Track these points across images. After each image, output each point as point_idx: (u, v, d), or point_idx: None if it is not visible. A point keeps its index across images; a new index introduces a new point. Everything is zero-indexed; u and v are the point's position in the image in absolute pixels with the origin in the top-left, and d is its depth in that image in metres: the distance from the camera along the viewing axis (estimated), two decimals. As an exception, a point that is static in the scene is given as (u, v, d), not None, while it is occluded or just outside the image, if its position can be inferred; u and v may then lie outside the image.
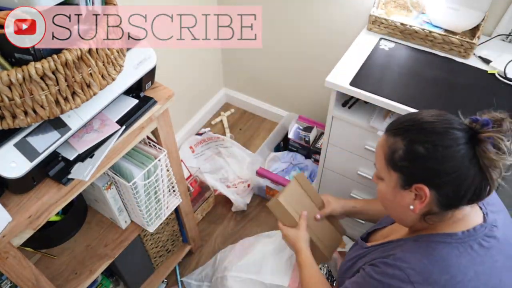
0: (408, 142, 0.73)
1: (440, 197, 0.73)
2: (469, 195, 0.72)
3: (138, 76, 0.95)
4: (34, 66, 0.66)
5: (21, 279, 0.89)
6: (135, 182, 1.05)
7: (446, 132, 0.71)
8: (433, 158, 0.71)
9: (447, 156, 0.70)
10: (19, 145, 0.76)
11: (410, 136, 0.73)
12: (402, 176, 0.76)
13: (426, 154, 0.71)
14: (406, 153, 0.73)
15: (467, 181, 0.71)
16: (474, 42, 1.28)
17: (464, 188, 0.71)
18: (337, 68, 1.31)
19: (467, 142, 0.71)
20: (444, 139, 0.71)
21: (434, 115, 0.74)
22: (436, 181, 0.72)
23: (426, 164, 0.72)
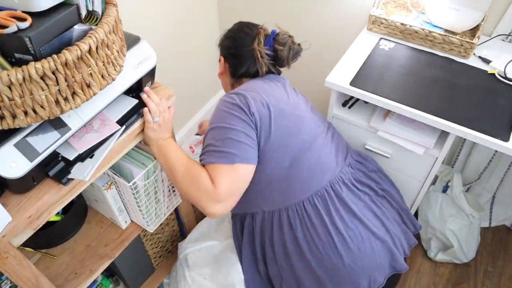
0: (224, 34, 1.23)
1: (228, 66, 1.19)
2: (243, 68, 1.16)
3: (138, 76, 0.95)
4: (34, 66, 0.66)
5: (21, 279, 0.89)
6: (135, 182, 1.05)
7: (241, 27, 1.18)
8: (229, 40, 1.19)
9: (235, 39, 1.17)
10: (19, 145, 0.76)
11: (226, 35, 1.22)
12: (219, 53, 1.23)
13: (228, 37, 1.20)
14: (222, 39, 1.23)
15: (242, 58, 1.15)
16: (474, 42, 1.28)
17: (239, 62, 1.16)
18: (337, 68, 1.31)
19: (253, 37, 1.14)
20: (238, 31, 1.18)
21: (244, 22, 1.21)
22: (226, 53, 1.20)
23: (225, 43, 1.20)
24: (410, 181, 1.37)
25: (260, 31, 1.15)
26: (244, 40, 1.15)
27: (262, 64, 1.14)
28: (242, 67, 1.16)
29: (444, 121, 1.14)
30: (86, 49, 0.72)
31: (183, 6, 1.75)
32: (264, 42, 1.14)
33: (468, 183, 1.76)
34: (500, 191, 1.72)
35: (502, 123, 1.13)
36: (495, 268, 1.67)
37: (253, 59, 1.14)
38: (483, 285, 1.63)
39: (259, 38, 1.14)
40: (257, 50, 1.13)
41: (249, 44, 1.14)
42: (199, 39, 1.97)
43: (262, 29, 1.17)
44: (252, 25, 1.19)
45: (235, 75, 1.19)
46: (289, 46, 1.15)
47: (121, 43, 0.86)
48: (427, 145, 1.23)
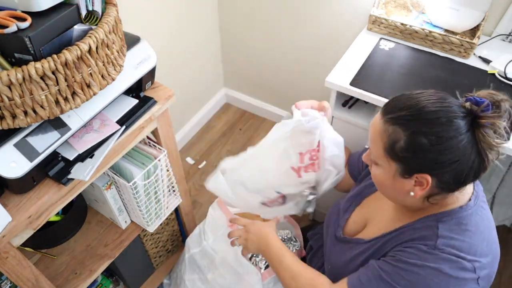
0: (410, 133, 0.71)
1: (441, 183, 0.74)
2: (469, 179, 0.74)
3: (138, 76, 0.95)
4: (34, 66, 0.66)
5: (21, 279, 0.89)
6: (135, 182, 1.05)
7: (450, 122, 0.69)
8: (436, 150, 0.70)
9: (450, 147, 0.69)
10: (19, 145, 0.76)
11: (413, 128, 0.71)
12: (403, 166, 0.74)
13: (430, 146, 0.70)
14: (408, 145, 0.71)
15: (467, 166, 0.72)
16: (474, 42, 1.28)
17: (465, 173, 0.72)
18: (337, 68, 1.31)
19: (468, 130, 0.70)
20: (448, 130, 0.69)
21: (435, 101, 0.72)
22: (437, 171, 0.72)
23: (429, 155, 0.71)
24: (410, 181, 1.37)
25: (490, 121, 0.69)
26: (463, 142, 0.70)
27: (492, 161, 0.74)
28: (470, 176, 0.73)
29: (444, 121, 1.14)
30: (86, 49, 0.72)
31: (183, 6, 1.75)
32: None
33: (468, 183, 1.76)
34: (500, 191, 1.72)
35: (502, 123, 1.13)
36: (495, 268, 1.67)
37: (481, 159, 0.72)
38: (483, 285, 1.63)
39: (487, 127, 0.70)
40: (497, 146, 0.71)
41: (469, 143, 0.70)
42: (199, 39, 1.97)
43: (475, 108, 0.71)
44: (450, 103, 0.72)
45: (455, 189, 0.76)
46: (510, 114, 0.72)
47: (121, 43, 0.86)
48: (427, 145, 1.23)
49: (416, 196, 0.76)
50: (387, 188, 0.82)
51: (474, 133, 0.70)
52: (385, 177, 0.79)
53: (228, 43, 2.12)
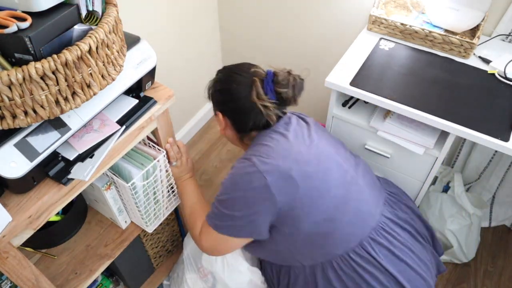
0: (213, 81, 1.12)
1: (230, 121, 1.07)
2: (250, 123, 1.03)
3: (138, 76, 0.95)
4: (34, 66, 0.66)
5: (21, 279, 0.89)
6: (134, 183, 1.05)
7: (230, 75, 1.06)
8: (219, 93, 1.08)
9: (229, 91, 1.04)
10: (19, 145, 0.76)
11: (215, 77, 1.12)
12: (212, 106, 1.12)
13: (219, 89, 1.08)
14: (211, 90, 1.12)
15: (244, 111, 1.02)
16: (474, 42, 1.28)
17: (243, 117, 1.03)
18: (337, 68, 1.31)
19: (248, 86, 1.01)
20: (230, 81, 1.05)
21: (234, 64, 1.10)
22: (223, 108, 1.08)
23: (216, 95, 1.10)
24: (410, 181, 1.37)
25: (255, 80, 1.01)
26: (239, 91, 1.02)
27: (269, 114, 1.01)
28: (248, 121, 1.03)
29: (444, 121, 1.14)
30: (86, 49, 0.72)
31: (183, 6, 1.75)
32: (263, 89, 1.01)
33: (468, 183, 1.76)
34: (500, 191, 1.72)
35: (502, 123, 1.13)
36: (495, 268, 1.67)
37: (257, 110, 1.01)
38: (483, 285, 1.63)
39: (256, 89, 1.00)
40: (259, 103, 1.00)
41: (247, 94, 1.01)
42: (199, 39, 1.97)
43: (255, 75, 1.03)
44: (241, 70, 1.05)
45: (242, 130, 1.07)
46: (292, 84, 1.02)
47: (121, 43, 0.86)
48: (427, 145, 1.23)
49: (222, 132, 1.12)
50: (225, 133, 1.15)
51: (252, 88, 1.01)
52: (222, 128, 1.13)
53: (228, 43, 2.12)
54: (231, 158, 2.09)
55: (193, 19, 1.85)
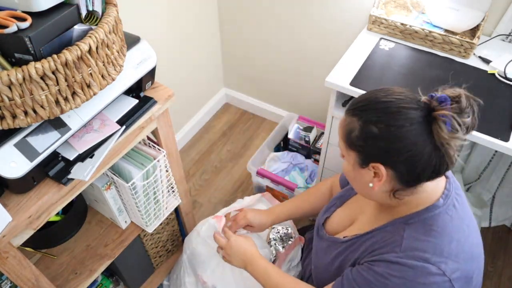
0: (363, 122, 0.75)
1: (398, 174, 0.75)
2: (427, 172, 0.74)
3: (138, 76, 0.95)
4: (34, 66, 0.66)
5: (21, 279, 0.89)
6: (134, 183, 1.05)
7: (399, 111, 0.72)
8: (385, 138, 0.73)
9: (400, 136, 0.71)
10: (19, 145, 0.76)
11: (365, 116, 0.75)
12: (359, 155, 0.77)
13: (379, 134, 0.73)
14: (361, 133, 0.75)
15: (422, 159, 0.72)
16: (474, 42, 1.28)
17: (421, 166, 0.73)
18: (337, 68, 1.31)
19: (423, 121, 0.71)
20: (397, 119, 0.72)
21: (390, 94, 0.75)
22: (390, 160, 0.74)
23: (379, 143, 0.73)
24: (410, 181, 1.37)
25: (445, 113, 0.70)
26: (414, 132, 0.71)
27: (452, 156, 0.73)
28: (427, 170, 0.74)
29: (444, 121, 1.14)
30: (86, 49, 0.72)
31: (183, 6, 1.75)
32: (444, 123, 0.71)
33: (468, 183, 1.76)
34: (500, 191, 1.72)
35: (502, 123, 1.13)
36: (495, 268, 1.67)
37: (438, 153, 0.72)
38: (483, 285, 1.63)
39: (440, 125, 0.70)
40: (449, 140, 0.70)
41: (422, 136, 0.71)
42: (199, 39, 1.97)
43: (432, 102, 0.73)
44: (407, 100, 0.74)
45: (414, 183, 0.77)
46: (474, 111, 0.73)
47: (121, 43, 0.86)
48: (427, 145, 1.23)
49: (375, 188, 0.79)
50: (352, 179, 0.85)
51: (431, 126, 0.71)
52: (348, 168, 0.82)
53: (228, 43, 2.12)
54: (231, 158, 2.09)
55: (193, 19, 1.86)
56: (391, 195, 0.80)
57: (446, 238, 0.76)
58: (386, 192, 0.80)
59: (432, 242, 0.76)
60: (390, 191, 0.80)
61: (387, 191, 0.80)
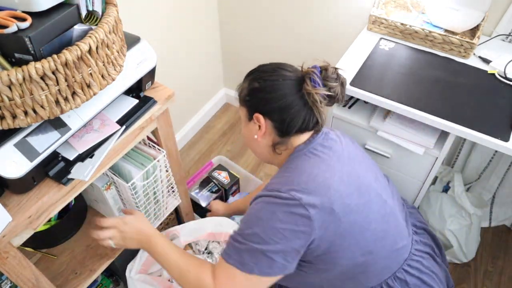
0: (249, 81, 0.95)
1: (274, 124, 0.92)
2: (297, 123, 0.91)
3: (138, 76, 0.95)
4: (34, 66, 0.66)
5: (21, 279, 0.89)
6: (134, 183, 1.05)
7: (275, 70, 0.94)
8: (263, 90, 0.92)
9: (274, 87, 0.91)
10: (19, 145, 0.76)
11: (251, 77, 0.96)
12: (247, 109, 0.96)
13: (259, 87, 0.92)
14: (247, 89, 0.95)
15: (293, 109, 0.90)
16: (474, 42, 1.28)
17: (291, 115, 0.90)
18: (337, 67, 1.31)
19: (295, 80, 0.91)
20: (272, 75, 0.92)
21: (272, 63, 0.97)
22: (266, 108, 0.92)
23: (259, 95, 0.93)
24: (410, 181, 1.37)
25: (310, 71, 0.91)
26: (288, 86, 0.91)
27: (321, 112, 0.91)
28: (297, 120, 0.91)
29: (444, 121, 1.14)
30: (86, 49, 0.72)
31: (183, 6, 1.75)
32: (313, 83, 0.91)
33: (468, 183, 1.76)
34: (500, 191, 1.72)
35: (502, 123, 1.13)
36: (495, 268, 1.67)
37: (307, 107, 0.90)
38: (483, 285, 1.63)
39: (312, 79, 0.90)
40: (314, 94, 0.88)
41: (293, 90, 0.90)
42: (199, 39, 1.97)
43: (302, 70, 0.95)
44: (284, 66, 0.96)
45: (287, 132, 0.93)
46: (341, 80, 0.94)
47: (121, 43, 0.86)
48: (427, 145, 1.23)
49: (259, 138, 0.96)
50: (246, 140, 1.01)
51: (301, 85, 0.90)
52: (243, 128, 1.00)
53: (228, 43, 2.12)
54: (231, 158, 2.09)
55: (193, 19, 1.86)
56: (273, 151, 0.97)
57: (298, 172, 0.90)
58: (269, 147, 0.97)
59: (285, 177, 0.90)
60: (272, 146, 0.96)
61: (270, 146, 0.96)
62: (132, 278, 1.23)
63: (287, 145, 0.94)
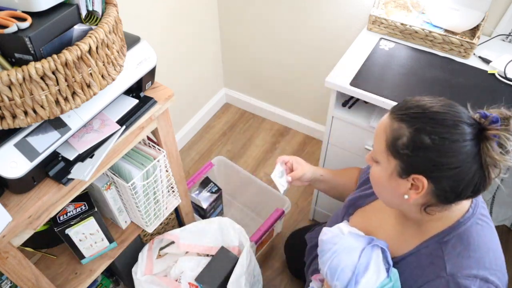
0: (414, 130, 0.70)
1: (438, 190, 0.72)
2: (468, 192, 0.72)
3: (138, 76, 0.95)
4: (34, 66, 0.66)
5: (21, 279, 0.89)
6: (134, 183, 1.05)
7: (456, 125, 0.69)
8: (437, 151, 0.69)
9: (452, 150, 0.68)
10: (19, 145, 0.76)
11: (417, 125, 0.70)
12: (401, 164, 0.73)
13: (431, 146, 0.69)
14: (410, 142, 0.71)
15: (467, 177, 0.70)
16: (474, 42, 1.28)
17: (463, 184, 0.70)
18: (337, 68, 1.31)
19: (473, 138, 0.69)
20: (452, 133, 0.68)
21: (444, 105, 0.72)
22: (436, 174, 0.70)
23: (430, 155, 0.69)
24: (410, 181, 1.37)
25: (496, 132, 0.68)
26: (466, 148, 0.69)
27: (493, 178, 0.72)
28: (469, 189, 0.72)
29: (444, 121, 1.14)
30: (86, 49, 0.72)
31: (183, 6, 1.75)
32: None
33: (468, 183, 1.76)
34: (500, 191, 1.72)
35: (502, 123, 1.13)
36: (495, 268, 1.67)
37: (480, 171, 0.70)
38: (483, 285, 1.63)
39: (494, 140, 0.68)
40: (499, 161, 0.68)
41: (473, 153, 0.69)
42: (199, 39, 1.97)
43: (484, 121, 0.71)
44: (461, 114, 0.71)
45: (451, 200, 0.75)
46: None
47: (121, 43, 0.86)
48: (427, 145, 1.23)
49: (410, 200, 0.75)
50: (382, 187, 0.80)
51: (480, 144, 0.69)
52: (382, 175, 0.78)
53: (228, 43, 2.12)
54: (231, 158, 2.09)
55: (193, 19, 1.86)
56: (422, 209, 0.77)
57: (484, 249, 0.75)
58: (417, 205, 0.77)
59: (474, 257, 0.74)
60: (422, 205, 0.76)
61: (419, 204, 0.76)
62: (140, 280, 1.24)
63: (446, 208, 0.77)
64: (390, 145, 0.74)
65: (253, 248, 1.48)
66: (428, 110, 0.71)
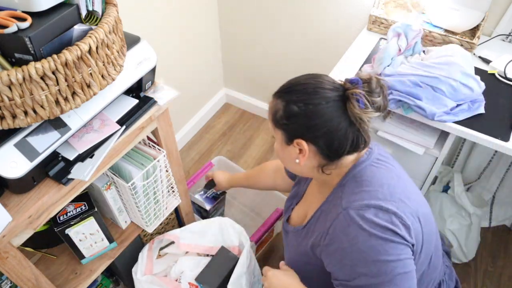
0: (286, 102, 0.83)
1: (320, 149, 0.83)
2: (347, 146, 0.82)
3: (138, 76, 0.95)
4: (34, 66, 0.66)
5: (21, 279, 0.89)
6: (134, 183, 1.05)
7: (316, 92, 0.81)
8: (305, 116, 0.81)
9: (317, 113, 0.80)
10: (19, 145, 0.76)
11: (287, 97, 0.84)
12: (284, 133, 0.85)
13: (300, 112, 0.81)
14: (284, 112, 0.83)
15: (339, 133, 0.81)
16: (474, 42, 1.28)
17: (338, 140, 0.81)
18: (337, 68, 1.31)
19: (338, 100, 0.80)
20: (313, 98, 0.80)
21: (308, 78, 0.84)
22: (310, 135, 0.82)
23: (301, 121, 0.81)
24: (410, 181, 1.37)
25: (355, 91, 0.79)
26: (330, 109, 0.80)
27: (367, 131, 0.84)
28: (344, 144, 0.82)
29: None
30: (86, 49, 0.72)
31: (183, 6, 1.75)
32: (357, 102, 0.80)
33: (468, 183, 1.76)
34: (500, 191, 1.72)
35: (502, 123, 1.13)
36: (495, 268, 1.67)
37: (354, 128, 0.81)
38: (483, 285, 1.63)
39: (354, 102, 0.79)
40: (361, 115, 0.79)
41: (338, 112, 0.80)
42: (199, 39, 1.97)
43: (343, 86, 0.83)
44: (323, 84, 0.82)
45: (336, 157, 0.84)
46: (383, 92, 0.82)
47: (121, 43, 0.86)
48: (427, 145, 1.23)
49: (301, 163, 0.86)
50: (282, 158, 0.92)
51: (345, 105, 0.80)
52: (278, 147, 0.90)
53: (228, 43, 2.12)
54: (231, 158, 2.09)
55: (193, 19, 1.86)
56: (320, 170, 0.87)
57: (377, 184, 0.83)
58: (314, 167, 0.87)
59: (366, 191, 0.82)
60: (318, 167, 0.87)
61: (315, 166, 0.87)
62: (140, 280, 1.24)
63: (337, 165, 0.86)
64: (273, 119, 0.87)
65: (253, 248, 1.48)
66: (294, 83, 0.85)
